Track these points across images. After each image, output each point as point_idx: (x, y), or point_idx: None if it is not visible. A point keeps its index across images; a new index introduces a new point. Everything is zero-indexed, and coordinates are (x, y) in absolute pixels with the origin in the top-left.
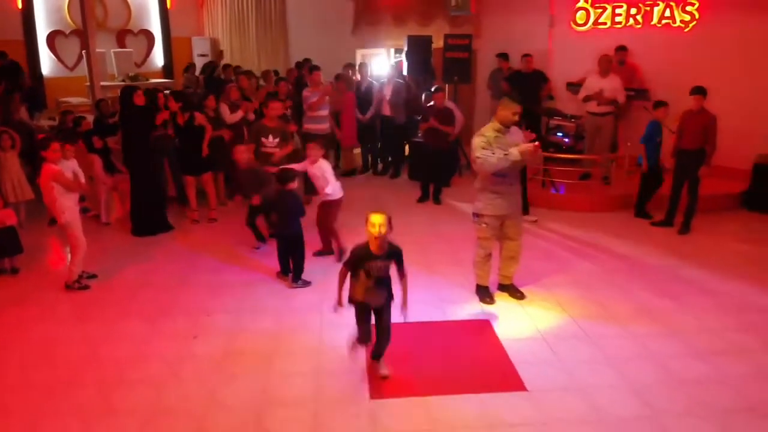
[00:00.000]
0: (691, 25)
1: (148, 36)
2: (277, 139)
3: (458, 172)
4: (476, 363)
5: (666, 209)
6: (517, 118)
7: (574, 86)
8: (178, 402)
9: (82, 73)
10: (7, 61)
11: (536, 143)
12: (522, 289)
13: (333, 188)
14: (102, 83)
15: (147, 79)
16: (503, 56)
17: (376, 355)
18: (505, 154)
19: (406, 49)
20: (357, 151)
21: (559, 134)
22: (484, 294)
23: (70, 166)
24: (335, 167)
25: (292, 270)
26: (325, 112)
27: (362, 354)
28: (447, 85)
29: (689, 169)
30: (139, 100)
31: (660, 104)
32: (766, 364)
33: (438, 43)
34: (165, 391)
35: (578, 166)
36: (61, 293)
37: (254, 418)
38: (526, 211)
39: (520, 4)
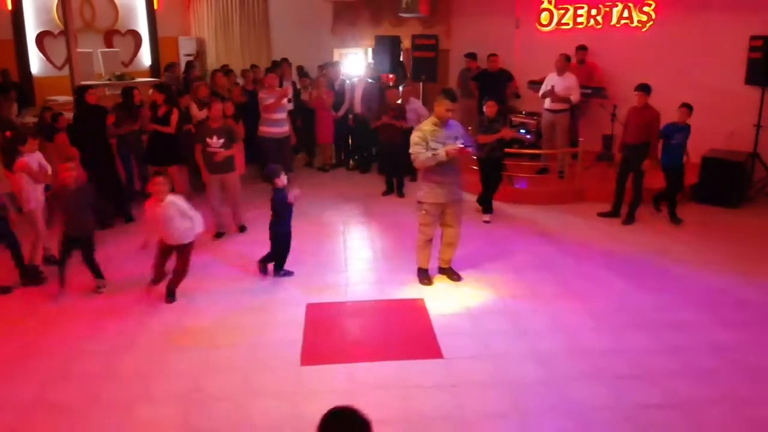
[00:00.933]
0: (648, 25)
1: (136, 36)
2: (222, 140)
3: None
4: (402, 335)
5: (612, 201)
6: (450, 114)
7: (535, 84)
8: (126, 370)
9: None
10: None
11: (460, 146)
12: (462, 273)
13: (196, 224)
14: (87, 82)
15: (133, 78)
16: (471, 56)
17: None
18: (434, 154)
19: (374, 48)
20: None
21: (522, 131)
22: (423, 276)
23: (36, 158)
24: (307, 164)
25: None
26: (282, 115)
27: (301, 320)
28: (420, 84)
29: (633, 162)
30: (91, 98)
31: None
32: (668, 339)
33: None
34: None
35: (537, 161)
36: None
37: (193, 382)
38: (489, 210)
39: (489, 5)
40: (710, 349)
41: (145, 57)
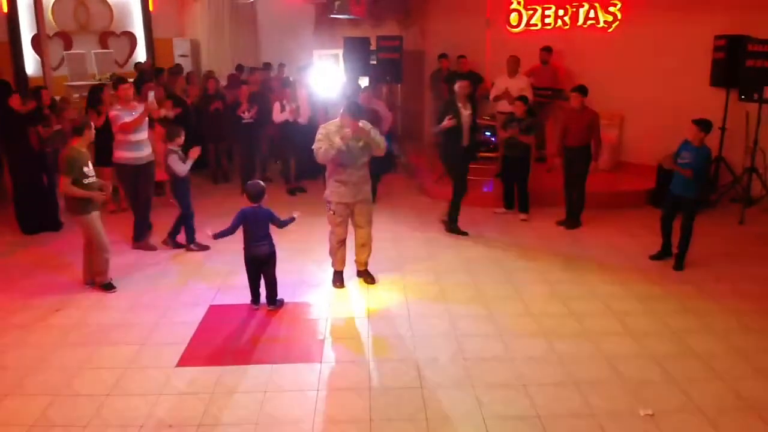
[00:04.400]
0: (614, 26)
1: (131, 37)
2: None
3: (393, 169)
4: (287, 339)
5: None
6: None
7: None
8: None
9: (64, 72)
10: None
11: (348, 130)
12: (383, 275)
13: None
14: (78, 83)
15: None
16: (444, 57)
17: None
18: (331, 144)
19: (344, 50)
20: None
21: (487, 133)
22: (336, 278)
23: None
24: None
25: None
26: (143, 135)
27: (197, 321)
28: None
29: (575, 165)
30: (14, 102)
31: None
32: (557, 348)
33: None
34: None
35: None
36: None
37: (68, 378)
38: (524, 209)
39: (462, 6)
40: None
41: (140, 58)
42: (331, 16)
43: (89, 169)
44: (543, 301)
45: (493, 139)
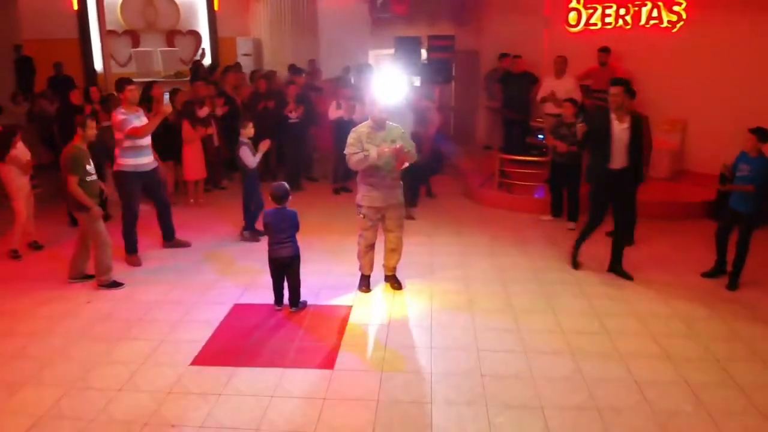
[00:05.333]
0: (678, 26)
1: (196, 36)
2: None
3: (441, 171)
4: (306, 343)
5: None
6: (384, 115)
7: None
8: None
9: (132, 69)
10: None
11: (397, 146)
12: (410, 281)
13: None
14: (144, 79)
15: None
16: (505, 56)
17: None
18: (366, 155)
19: (395, 50)
20: None
21: (540, 136)
22: (363, 283)
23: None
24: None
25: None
26: (149, 140)
27: (219, 320)
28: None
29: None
30: (74, 98)
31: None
32: (584, 369)
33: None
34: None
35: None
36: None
37: (84, 371)
38: (572, 217)
39: (519, 4)
40: None
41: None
42: (376, 15)
43: (90, 167)
44: (576, 317)
45: (545, 142)
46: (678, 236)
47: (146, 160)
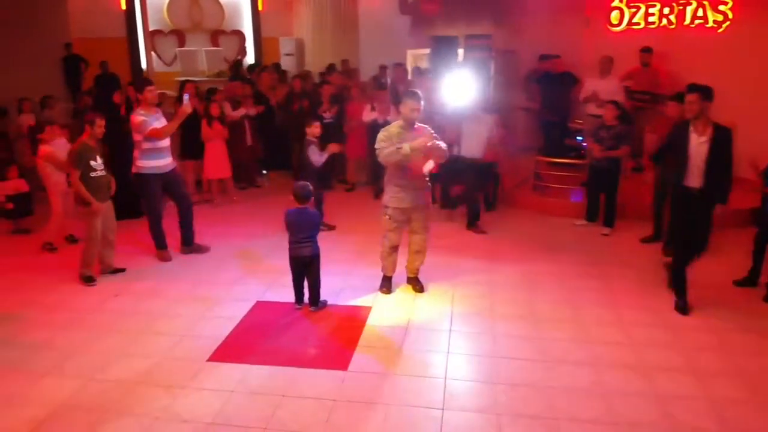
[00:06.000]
0: (724, 26)
1: (240, 36)
2: (101, 160)
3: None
4: (323, 343)
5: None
6: (415, 114)
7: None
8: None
9: (178, 68)
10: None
11: (423, 140)
12: (434, 284)
13: None
14: (189, 78)
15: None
16: (545, 58)
17: None
18: (398, 148)
19: (432, 50)
20: None
21: (579, 138)
22: (384, 284)
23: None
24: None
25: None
26: (168, 142)
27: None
28: None
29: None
30: (117, 97)
31: None
32: (604, 380)
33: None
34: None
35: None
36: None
37: (105, 363)
38: (608, 222)
39: (559, 3)
40: None
41: (248, 56)
42: (403, 14)
43: (97, 162)
44: (601, 326)
45: (584, 144)
46: (718, 244)
47: (166, 161)
